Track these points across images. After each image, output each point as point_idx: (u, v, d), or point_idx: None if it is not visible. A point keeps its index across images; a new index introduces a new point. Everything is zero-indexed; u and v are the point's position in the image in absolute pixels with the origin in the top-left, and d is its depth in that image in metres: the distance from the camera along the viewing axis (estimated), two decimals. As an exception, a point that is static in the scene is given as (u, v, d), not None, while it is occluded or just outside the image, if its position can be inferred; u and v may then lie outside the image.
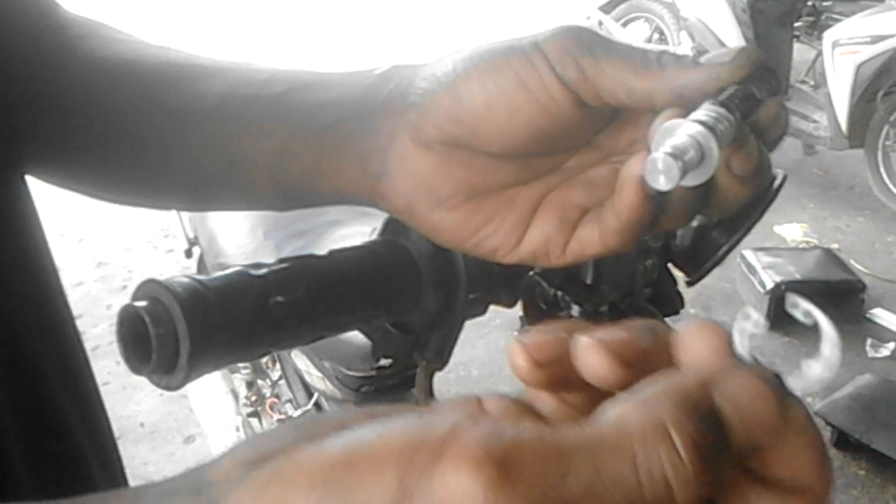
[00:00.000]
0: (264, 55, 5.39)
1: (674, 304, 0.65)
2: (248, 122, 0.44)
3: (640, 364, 0.23)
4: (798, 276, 2.90)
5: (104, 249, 3.66)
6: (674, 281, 0.65)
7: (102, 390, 0.51)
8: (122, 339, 0.33)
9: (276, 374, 1.67)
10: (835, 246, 3.45)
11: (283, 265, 0.37)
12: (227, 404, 1.86)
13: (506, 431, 0.20)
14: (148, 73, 0.47)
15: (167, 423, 2.53)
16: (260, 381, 1.77)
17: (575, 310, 0.43)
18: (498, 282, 0.44)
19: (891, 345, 2.82)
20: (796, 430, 0.22)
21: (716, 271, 0.65)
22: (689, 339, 0.24)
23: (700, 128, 0.30)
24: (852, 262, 3.25)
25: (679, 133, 0.30)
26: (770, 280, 2.87)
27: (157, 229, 3.74)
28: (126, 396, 2.63)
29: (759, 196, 0.63)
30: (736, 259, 2.98)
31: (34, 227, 0.46)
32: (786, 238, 3.54)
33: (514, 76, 0.36)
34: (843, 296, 2.98)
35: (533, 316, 0.46)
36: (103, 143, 0.48)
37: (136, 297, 0.33)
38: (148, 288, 0.33)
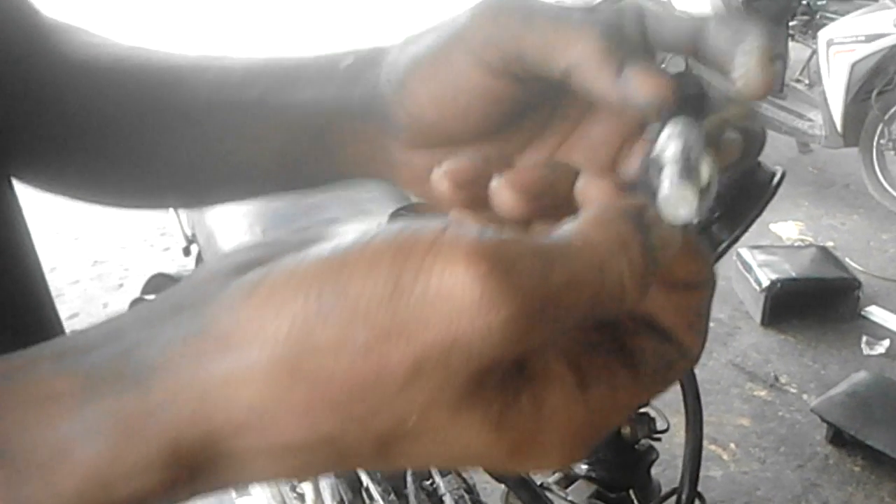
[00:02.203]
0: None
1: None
2: (239, 128, 0.44)
3: (545, 197, 0.27)
4: (793, 274, 2.91)
5: (100, 248, 3.65)
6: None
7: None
8: None
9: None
10: (830, 244, 3.46)
11: None
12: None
13: (492, 233, 0.22)
14: (131, 76, 0.47)
15: (164, 421, 2.52)
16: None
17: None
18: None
19: (886, 342, 2.83)
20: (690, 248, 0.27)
21: (713, 268, 0.65)
22: (588, 183, 0.28)
23: (690, 150, 0.28)
24: (847, 259, 3.26)
25: (670, 162, 0.28)
26: (766, 278, 2.88)
27: (153, 227, 3.74)
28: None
29: (759, 192, 0.63)
30: (732, 257, 2.99)
31: (21, 233, 0.46)
32: (781, 236, 3.55)
33: (449, 74, 0.37)
34: (838, 293, 2.99)
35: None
36: (91, 145, 0.48)
37: (145, 290, 0.33)
38: (158, 282, 0.33)
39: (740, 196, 0.63)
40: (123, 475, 0.22)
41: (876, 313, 3.00)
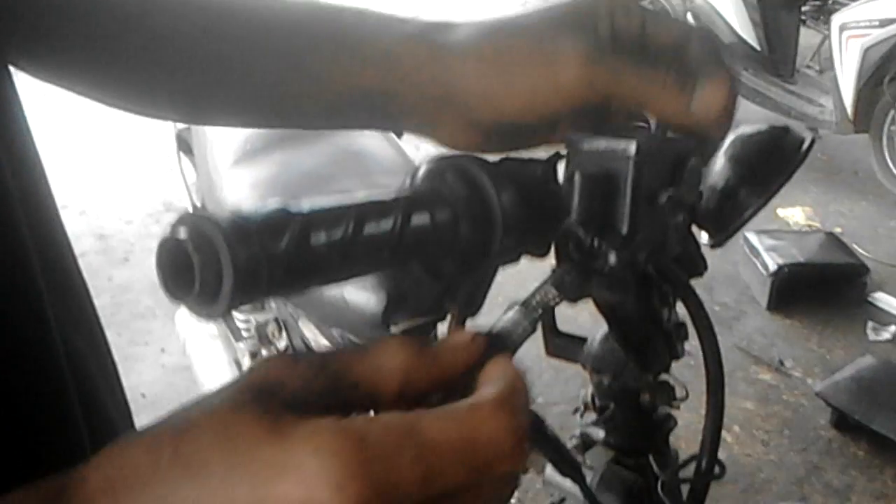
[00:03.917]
0: None
1: (697, 266, 0.64)
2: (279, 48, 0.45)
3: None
4: (801, 259, 2.90)
5: (105, 222, 3.64)
6: (696, 242, 0.64)
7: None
8: (161, 267, 0.33)
9: (282, 344, 1.67)
10: (837, 230, 3.45)
11: (324, 205, 0.37)
12: (231, 375, 1.86)
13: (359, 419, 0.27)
14: None
15: (168, 394, 2.53)
16: (264, 351, 1.76)
17: (612, 258, 0.43)
18: (533, 228, 0.43)
19: (892, 328, 2.83)
20: None
21: (718, 252, 0.64)
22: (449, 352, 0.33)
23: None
24: (854, 246, 3.25)
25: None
26: (773, 262, 2.87)
27: (158, 202, 3.73)
28: (127, 368, 2.63)
29: (788, 157, 0.62)
30: (738, 241, 2.98)
31: (17, 118, 0.44)
32: (789, 221, 3.54)
33: (534, 79, 0.42)
34: (845, 279, 2.98)
35: (566, 266, 0.46)
36: (96, 34, 0.46)
37: (177, 225, 0.32)
38: (188, 219, 0.32)
39: (768, 161, 0.62)
40: None
41: (882, 299, 3.00)
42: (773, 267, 2.86)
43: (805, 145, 0.62)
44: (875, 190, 3.83)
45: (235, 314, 1.71)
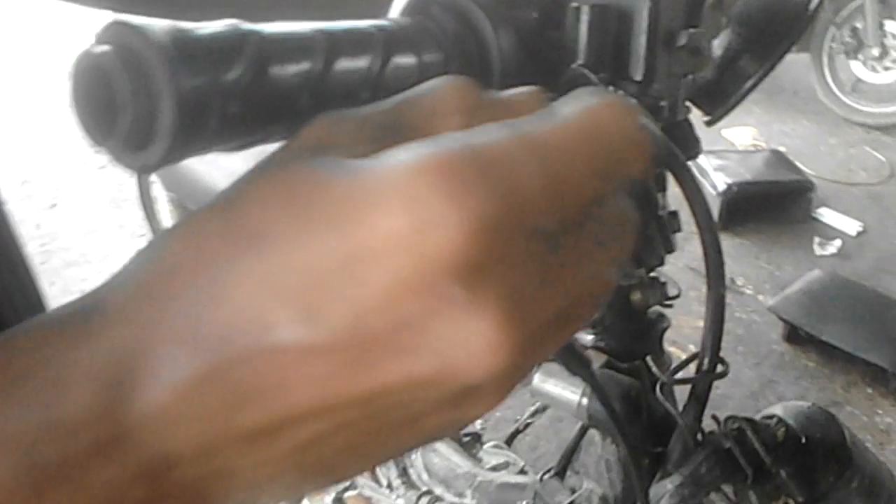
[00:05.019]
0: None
1: (692, 146, 0.58)
2: None
3: None
4: (748, 177, 2.90)
5: (28, 167, 3.44)
6: (689, 119, 0.58)
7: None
8: (77, 97, 0.25)
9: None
10: (782, 149, 3.46)
11: (288, 29, 0.28)
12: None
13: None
14: None
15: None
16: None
17: (628, 105, 0.36)
18: (536, 72, 0.36)
19: (837, 242, 2.87)
20: None
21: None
22: None
23: None
24: (798, 164, 3.27)
25: None
26: (721, 182, 2.87)
27: (87, 146, 3.53)
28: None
29: (793, 18, 0.56)
30: (687, 162, 2.96)
31: None
32: (734, 142, 3.54)
33: None
34: (792, 195, 3.00)
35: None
36: None
37: (99, 41, 0.24)
38: (115, 31, 0.24)
39: (772, 22, 0.56)
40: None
41: (827, 215, 3.03)
42: (721, 186, 2.85)
43: (813, 3, 0.56)
44: (816, 108, 3.86)
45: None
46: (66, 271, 2.75)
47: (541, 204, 0.20)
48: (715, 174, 2.91)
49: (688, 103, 0.55)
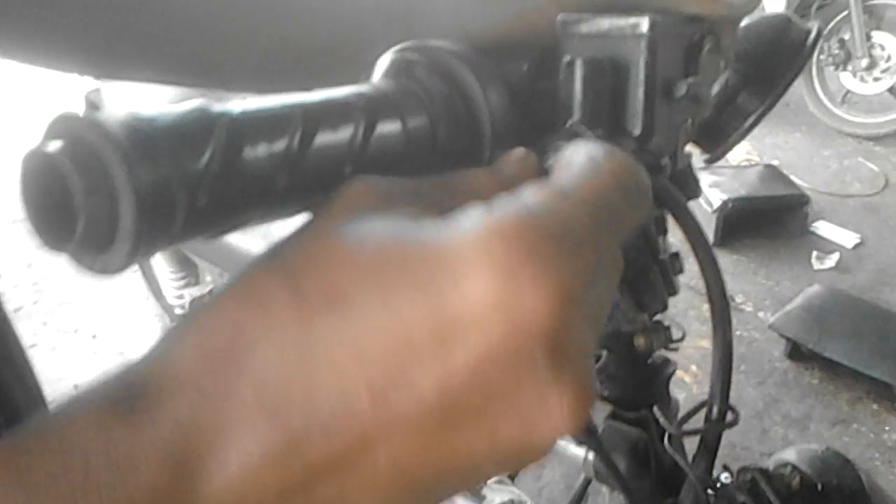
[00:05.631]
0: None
1: (691, 187, 0.56)
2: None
3: None
4: (743, 193, 2.88)
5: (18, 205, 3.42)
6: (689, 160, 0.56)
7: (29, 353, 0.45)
8: (28, 200, 0.22)
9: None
10: (775, 162, 3.46)
11: (260, 105, 0.26)
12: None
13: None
14: None
15: (104, 381, 2.39)
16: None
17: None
18: (527, 132, 0.34)
19: (835, 255, 2.85)
20: None
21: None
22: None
23: None
24: (792, 177, 3.26)
25: None
26: (717, 198, 2.85)
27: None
28: (57, 358, 2.47)
29: (793, 53, 0.54)
30: (681, 179, 2.95)
31: None
32: (728, 158, 3.53)
33: None
34: (788, 210, 2.99)
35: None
36: None
37: (48, 137, 0.22)
38: (66, 125, 0.22)
39: (770, 58, 0.54)
40: None
41: (823, 228, 3.02)
42: (717, 202, 2.84)
43: (811, 38, 0.54)
44: (807, 121, 3.85)
45: (167, 288, 1.58)
46: (59, 310, 2.72)
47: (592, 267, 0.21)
48: (710, 190, 2.90)
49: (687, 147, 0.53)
